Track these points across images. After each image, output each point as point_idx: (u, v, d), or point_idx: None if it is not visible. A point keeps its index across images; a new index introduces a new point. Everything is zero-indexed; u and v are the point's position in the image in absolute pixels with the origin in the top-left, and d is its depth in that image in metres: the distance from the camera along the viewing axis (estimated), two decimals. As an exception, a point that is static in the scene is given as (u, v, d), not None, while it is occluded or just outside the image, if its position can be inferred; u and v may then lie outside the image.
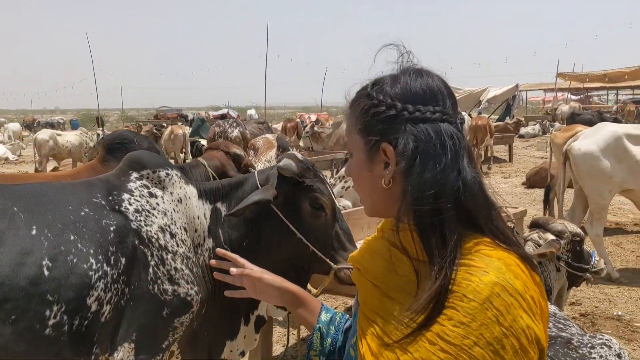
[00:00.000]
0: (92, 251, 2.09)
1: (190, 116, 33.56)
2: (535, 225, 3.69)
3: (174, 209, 2.36)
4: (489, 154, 15.17)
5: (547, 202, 8.06)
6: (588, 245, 3.87)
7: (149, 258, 2.23)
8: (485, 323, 0.98)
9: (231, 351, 2.57)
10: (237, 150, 3.69)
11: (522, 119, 23.39)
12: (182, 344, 2.41)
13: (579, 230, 3.61)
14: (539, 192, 10.67)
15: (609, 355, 2.49)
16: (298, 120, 19.49)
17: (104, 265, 2.10)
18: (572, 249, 3.54)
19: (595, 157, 5.68)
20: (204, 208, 2.46)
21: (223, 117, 25.57)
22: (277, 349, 4.07)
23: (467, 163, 1.10)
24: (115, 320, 2.14)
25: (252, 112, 29.93)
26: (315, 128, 11.65)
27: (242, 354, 2.62)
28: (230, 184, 2.56)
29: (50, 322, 1.95)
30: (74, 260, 2.04)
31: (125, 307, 2.17)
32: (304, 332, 4.33)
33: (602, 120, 15.46)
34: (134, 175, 2.37)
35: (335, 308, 5.02)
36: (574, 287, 3.77)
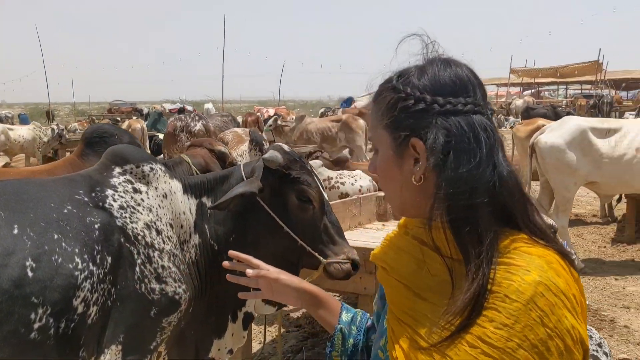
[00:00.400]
0: (77, 250, 1.99)
1: (146, 110, 32.91)
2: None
3: (159, 205, 2.28)
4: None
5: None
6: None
7: (136, 256, 2.14)
8: (529, 324, 0.93)
9: (219, 349, 2.51)
10: (222, 147, 3.60)
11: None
12: (169, 344, 2.34)
13: (553, 222, 3.67)
14: (500, 185, 10.88)
15: (591, 344, 2.52)
16: (258, 114, 19.31)
17: (90, 264, 2.00)
18: (546, 240, 3.60)
19: (561, 150, 5.79)
20: (189, 203, 2.38)
21: (181, 111, 25.13)
22: (254, 347, 4.01)
23: (502, 157, 1.06)
24: (102, 322, 2.05)
25: (209, 106, 29.49)
26: (279, 122, 11.55)
27: (230, 352, 2.56)
28: (216, 177, 2.48)
29: (36, 325, 1.85)
30: (59, 260, 1.94)
31: (111, 308, 2.08)
32: (292, 327, 4.28)
33: (556, 114, 15.86)
34: (117, 170, 2.27)
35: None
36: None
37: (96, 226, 2.07)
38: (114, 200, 2.17)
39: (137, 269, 2.14)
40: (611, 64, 30.26)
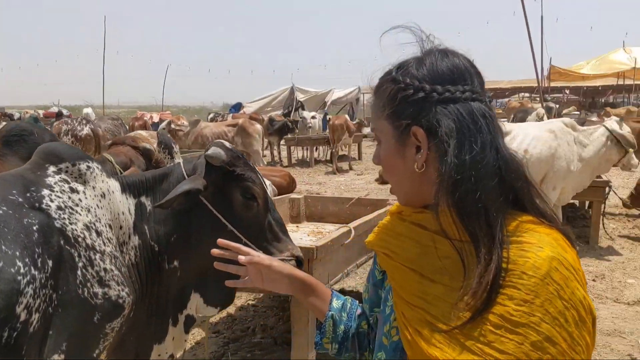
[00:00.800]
0: (17, 253, 1.84)
1: (17, 115, 30.59)
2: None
3: (97, 205, 2.16)
4: (347, 153, 15.81)
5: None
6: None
7: (77, 259, 2.01)
8: (548, 298, 0.97)
9: (159, 355, 2.41)
10: (147, 144, 3.44)
11: (364, 120, 24.54)
12: (109, 351, 2.21)
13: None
14: (392, 188, 11.29)
15: None
16: (146, 118, 18.68)
17: (32, 268, 1.86)
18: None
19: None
20: (128, 203, 2.28)
21: (58, 115, 23.66)
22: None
23: (502, 142, 1.10)
24: (43, 330, 1.91)
25: (88, 110, 27.92)
26: (172, 125, 11.23)
27: (171, 356, 2.46)
28: (155, 176, 2.39)
29: None
30: (0, 264, 1.78)
31: (53, 315, 1.94)
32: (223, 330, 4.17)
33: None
34: (52, 169, 2.12)
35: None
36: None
37: (35, 228, 1.93)
38: (51, 201, 2.03)
39: (79, 272, 2.01)
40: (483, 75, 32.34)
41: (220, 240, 1.57)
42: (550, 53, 45.32)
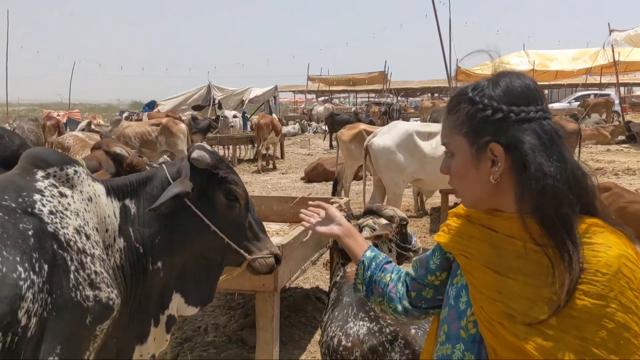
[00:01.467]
0: (18, 258, 1.84)
1: None
2: (368, 212, 4.05)
3: (85, 209, 2.18)
4: (272, 152, 15.87)
5: (334, 194, 8.75)
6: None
7: (69, 263, 2.03)
8: (620, 291, 1.12)
9: (141, 355, 2.44)
10: (119, 149, 3.40)
11: (283, 118, 24.68)
12: (95, 352, 2.24)
13: (405, 215, 4.08)
14: (318, 186, 11.52)
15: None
16: (58, 117, 17.82)
17: (31, 273, 1.87)
18: (400, 231, 3.97)
19: (392, 152, 6.41)
20: (113, 206, 2.30)
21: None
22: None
23: (569, 155, 1.24)
24: (39, 334, 1.92)
25: (-13, 109, 26.40)
26: (92, 126, 10.89)
27: (153, 356, 2.50)
28: (139, 179, 2.42)
29: None
30: (3, 270, 1.78)
31: (48, 319, 1.95)
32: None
33: (358, 119, 17.18)
34: (40, 173, 2.12)
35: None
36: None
37: (30, 233, 1.94)
38: (43, 205, 2.03)
39: (72, 276, 2.03)
40: (394, 75, 33.38)
41: (309, 204, 1.92)
42: (459, 55, 47.30)
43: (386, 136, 6.55)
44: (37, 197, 2.04)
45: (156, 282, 2.38)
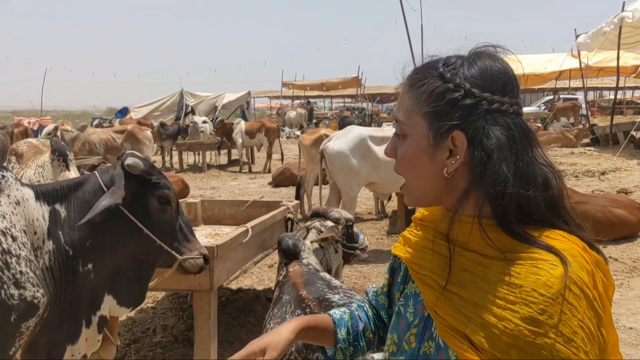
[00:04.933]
0: None
1: None
2: (315, 214, 4.18)
3: (12, 212, 2.28)
4: (239, 157, 16.14)
5: (298, 198, 8.88)
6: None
7: None
8: (562, 319, 0.95)
9: (72, 355, 2.53)
10: None
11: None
12: (21, 351, 2.33)
13: (350, 216, 4.22)
14: (285, 190, 11.63)
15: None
16: (26, 124, 17.73)
17: None
18: (346, 232, 4.10)
19: (346, 156, 6.57)
20: (42, 210, 2.40)
21: None
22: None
23: (541, 157, 1.09)
24: None
25: (-42, 116, 26.07)
26: (58, 132, 10.87)
27: (85, 356, 2.59)
28: (69, 185, 2.53)
29: None
30: None
31: None
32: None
33: (346, 123, 17.50)
34: None
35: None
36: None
37: None
38: None
39: None
40: (368, 80, 33.63)
41: None
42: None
43: (340, 140, 6.70)
44: None
45: (87, 284, 2.46)
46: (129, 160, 2.47)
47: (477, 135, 1.05)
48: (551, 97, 29.92)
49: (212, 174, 15.15)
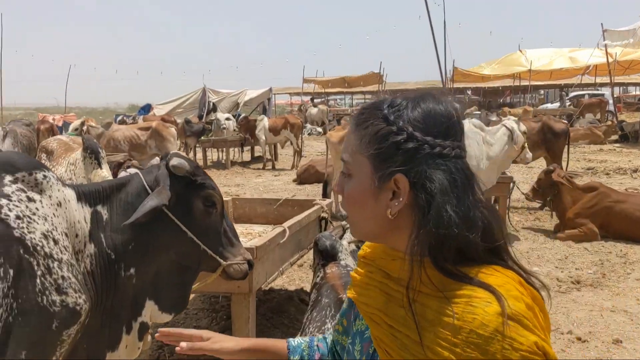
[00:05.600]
0: None
1: None
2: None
3: (53, 214, 2.21)
4: (263, 154, 16.10)
5: (325, 195, 8.78)
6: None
7: (35, 268, 2.06)
8: (505, 355, 0.96)
9: None
10: None
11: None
12: (63, 357, 2.27)
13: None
14: (310, 188, 11.55)
15: None
16: (53, 121, 17.84)
17: None
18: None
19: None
20: (83, 212, 2.33)
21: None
22: None
23: (478, 199, 1.10)
24: (4, 339, 1.95)
25: (-16, 112, 26.38)
26: (85, 126, 10.89)
27: None
28: (111, 185, 2.45)
29: None
30: None
31: (13, 324, 1.98)
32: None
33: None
34: (8, 178, 2.16)
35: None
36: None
37: None
38: (10, 210, 2.07)
39: (38, 280, 2.06)
40: (390, 76, 33.44)
41: (161, 330, 1.44)
42: (454, 55, 47.34)
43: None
44: (3, 201, 2.07)
45: (129, 289, 2.39)
46: (174, 161, 2.38)
47: (419, 178, 1.06)
48: (579, 92, 29.39)
49: (236, 171, 15.13)
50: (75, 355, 2.35)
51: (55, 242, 2.16)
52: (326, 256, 3.26)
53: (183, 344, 1.37)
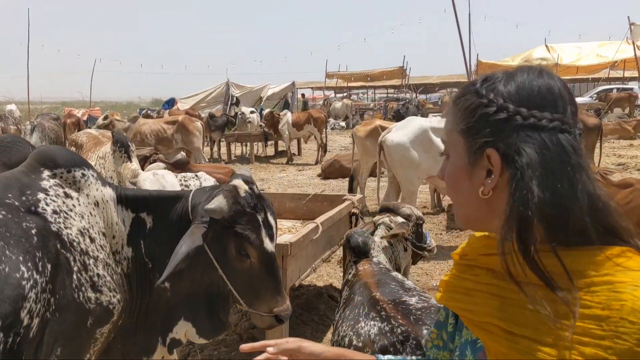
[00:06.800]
0: (21, 258, 1.86)
1: None
2: (385, 209, 4.00)
3: (90, 212, 2.18)
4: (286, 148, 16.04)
5: (351, 190, 8.71)
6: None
7: (72, 263, 2.04)
8: None
9: None
10: None
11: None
12: (97, 356, 2.24)
13: (421, 214, 4.03)
14: (335, 182, 11.49)
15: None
16: (78, 115, 18.03)
17: (34, 273, 1.88)
18: (416, 230, 3.91)
19: (406, 148, 6.35)
20: (123, 214, 2.29)
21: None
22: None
23: (586, 177, 0.99)
24: (40, 334, 1.92)
25: (12, 107, 26.70)
26: (110, 120, 10.93)
27: None
28: (161, 196, 2.41)
29: None
30: (6, 270, 1.79)
31: (50, 319, 1.96)
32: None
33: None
34: (46, 173, 2.13)
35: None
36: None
37: (33, 232, 1.95)
38: (47, 204, 2.04)
39: (75, 276, 2.03)
40: (414, 70, 33.20)
41: (242, 347, 1.34)
42: (478, 50, 46.85)
43: (401, 132, 6.49)
44: (41, 195, 2.05)
45: (163, 300, 2.35)
46: (212, 204, 2.20)
47: (510, 152, 0.99)
48: (606, 86, 28.87)
49: (260, 166, 15.13)
50: (110, 356, 2.33)
51: (92, 240, 2.13)
52: (358, 253, 3.19)
53: (270, 349, 1.28)
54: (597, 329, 0.89)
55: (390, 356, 1.38)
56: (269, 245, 2.29)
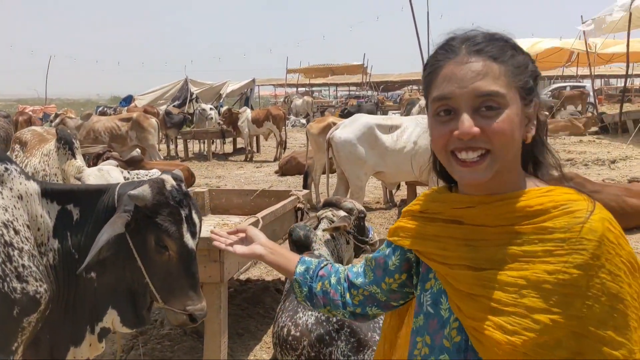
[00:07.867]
0: None
1: None
2: (327, 204, 4.08)
3: (14, 206, 2.21)
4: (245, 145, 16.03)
5: (305, 187, 8.79)
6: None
7: None
8: (607, 258, 1.04)
9: (75, 356, 2.44)
10: None
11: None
12: (25, 345, 2.27)
13: (363, 208, 4.12)
14: (292, 179, 11.55)
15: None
16: (30, 112, 17.67)
17: None
18: (358, 224, 4.00)
19: (353, 145, 6.47)
20: (48, 207, 2.32)
21: None
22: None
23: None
24: None
25: (-37, 104, 26.01)
26: (64, 118, 10.80)
27: None
28: (89, 190, 2.44)
29: None
30: None
31: None
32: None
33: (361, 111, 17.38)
34: None
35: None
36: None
37: None
38: None
39: None
40: (374, 68, 33.53)
41: (212, 231, 1.76)
42: (437, 47, 47.31)
43: (347, 129, 6.60)
44: None
45: (90, 290, 2.38)
46: (136, 191, 2.23)
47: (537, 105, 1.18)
48: (560, 84, 29.62)
49: (218, 163, 15.08)
50: (39, 347, 2.36)
51: (16, 232, 2.16)
52: (300, 246, 3.27)
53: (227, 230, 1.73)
54: (558, 249, 1.06)
55: (305, 260, 1.62)
56: (189, 241, 2.31)
